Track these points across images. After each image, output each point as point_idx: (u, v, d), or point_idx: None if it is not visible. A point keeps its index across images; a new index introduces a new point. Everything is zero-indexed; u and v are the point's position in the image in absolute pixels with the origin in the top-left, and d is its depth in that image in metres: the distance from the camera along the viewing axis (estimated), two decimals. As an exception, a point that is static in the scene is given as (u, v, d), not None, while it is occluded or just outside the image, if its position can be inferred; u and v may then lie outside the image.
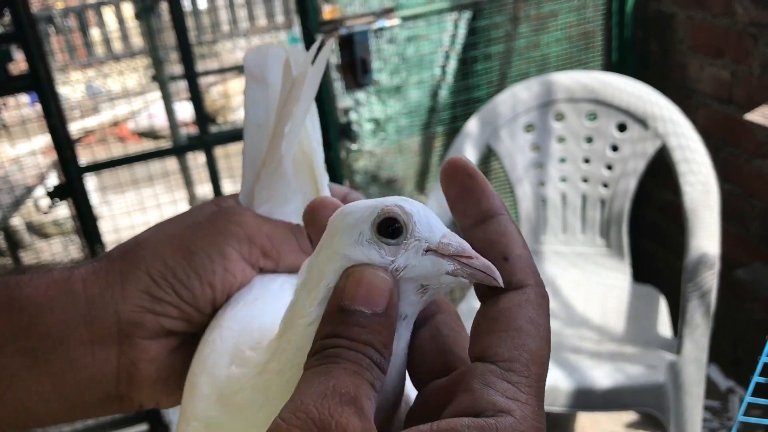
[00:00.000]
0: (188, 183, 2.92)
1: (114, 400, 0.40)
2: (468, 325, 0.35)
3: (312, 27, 2.01)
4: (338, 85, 2.16)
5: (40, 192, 2.05)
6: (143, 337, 0.39)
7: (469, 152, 2.08)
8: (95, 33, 4.81)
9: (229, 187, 2.70)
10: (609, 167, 2.09)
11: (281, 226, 0.46)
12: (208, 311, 0.40)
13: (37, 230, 3.68)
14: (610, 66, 2.39)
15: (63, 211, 2.32)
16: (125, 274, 0.39)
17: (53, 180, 2.40)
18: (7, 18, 1.84)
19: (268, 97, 0.50)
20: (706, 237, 1.74)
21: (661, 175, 2.27)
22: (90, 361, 0.38)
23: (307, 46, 2.06)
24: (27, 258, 2.91)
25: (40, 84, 1.88)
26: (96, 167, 2.11)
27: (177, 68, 3.05)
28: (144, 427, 2.32)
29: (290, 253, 0.45)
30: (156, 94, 4.07)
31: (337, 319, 0.32)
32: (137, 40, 4.35)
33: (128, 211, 2.42)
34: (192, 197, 2.96)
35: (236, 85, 5.04)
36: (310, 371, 0.31)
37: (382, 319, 0.32)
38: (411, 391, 0.36)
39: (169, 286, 0.39)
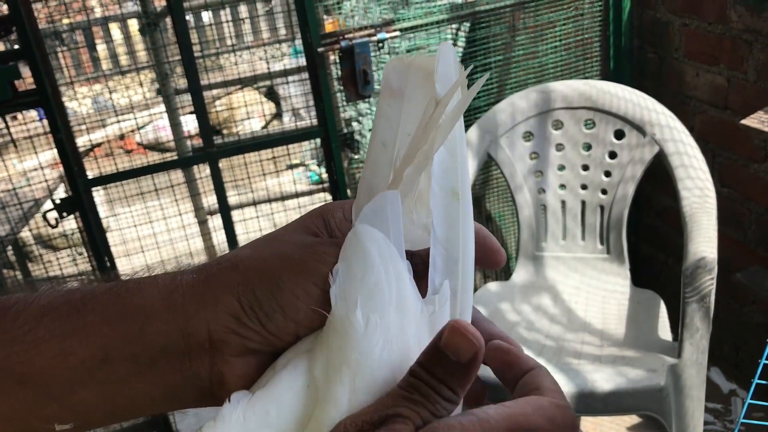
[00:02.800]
0: (194, 194, 2.96)
1: (209, 398, 0.44)
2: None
3: (313, 40, 2.05)
4: (340, 96, 2.20)
5: (48, 205, 2.09)
6: (230, 355, 0.42)
7: (469, 161, 2.11)
8: (101, 48, 4.87)
9: (234, 199, 2.73)
10: (607, 174, 2.11)
11: None
12: (291, 340, 0.43)
13: (46, 243, 3.72)
14: (607, 74, 2.41)
15: (71, 223, 2.34)
16: (218, 297, 0.42)
17: (61, 193, 2.44)
18: (14, 35, 1.88)
19: (400, 114, 0.46)
20: (704, 241, 1.75)
21: (659, 181, 2.29)
22: (186, 368, 0.42)
23: (308, 58, 2.10)
24: (36, 270, 2.94)
25: (47, 100, 1.91)
26: (102, 180, 2.15)
27: (182, 82, 3.09)
28: (152, 435, 2.34)
29: None
30: (161, 107, 4.11)
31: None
32: (142, 55, 4.40)
33: (135, 224, 2.45)
34: (197, 208, 3.00)
35: (240, 97, 5.09)
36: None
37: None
38: None
39: (255, 315, 0.41)
